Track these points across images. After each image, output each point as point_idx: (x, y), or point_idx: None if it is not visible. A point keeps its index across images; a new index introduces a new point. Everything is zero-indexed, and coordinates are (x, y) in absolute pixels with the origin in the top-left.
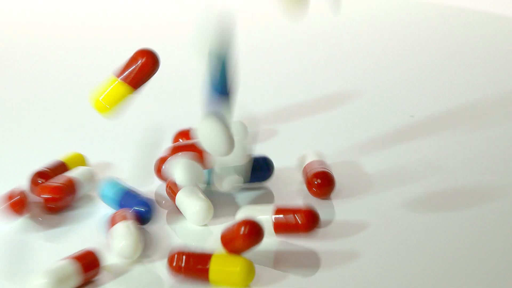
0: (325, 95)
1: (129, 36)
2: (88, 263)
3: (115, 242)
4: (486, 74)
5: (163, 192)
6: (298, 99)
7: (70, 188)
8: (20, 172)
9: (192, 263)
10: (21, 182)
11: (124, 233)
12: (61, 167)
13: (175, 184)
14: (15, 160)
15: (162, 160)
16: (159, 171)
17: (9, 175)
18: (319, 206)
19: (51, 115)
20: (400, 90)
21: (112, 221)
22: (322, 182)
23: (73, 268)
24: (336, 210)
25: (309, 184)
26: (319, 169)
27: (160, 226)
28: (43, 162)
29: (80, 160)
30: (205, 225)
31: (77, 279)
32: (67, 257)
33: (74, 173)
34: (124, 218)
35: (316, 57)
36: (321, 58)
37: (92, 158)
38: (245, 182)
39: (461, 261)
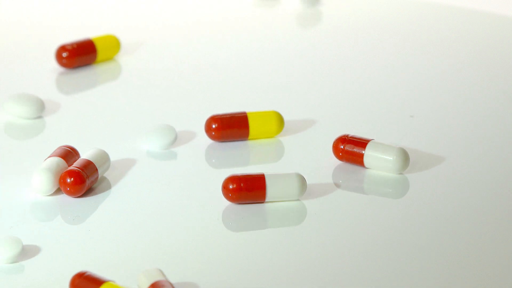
0: (324, 95)
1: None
2: None
3: None
4: (486, 74)
5: None
6: (296, 99)
7: None
8: None
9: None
10: None
11: None
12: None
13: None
14: None
15: (213, 119)
16: (209, 129)
17: None
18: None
19: None
20: (400, 90)
21: None
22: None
23: None
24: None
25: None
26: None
27: None
28: None
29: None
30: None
31: None
32: None
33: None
34: None
35: (316, 57)
36: (321, 58)
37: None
38: None
39: None
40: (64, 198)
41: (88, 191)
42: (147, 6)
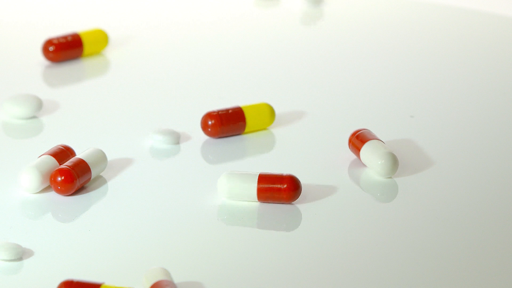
0: (325, 94)
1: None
2: None
3: None
4: (486, 74)
5: None
6: (296, 99)
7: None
8: None
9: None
10: None
11: None
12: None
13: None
14: None
15: (209, 115)
16: (205, 126)
17: None
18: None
19: None
20: (400, 90)
21: None
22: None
23: None
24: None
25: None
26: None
27: None
28: None
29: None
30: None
31: None
32: None
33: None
34: None
35: (316, 57)
36: (321, 58)
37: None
38: None
39: None
40: (63, 197)
41: (84, 190)
42: (144, 3)
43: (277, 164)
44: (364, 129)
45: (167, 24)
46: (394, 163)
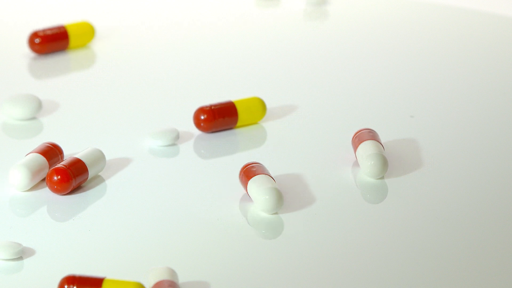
0: (325, 94)
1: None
2: None
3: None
4: (486, 74)
5: None
6: (295, 99)
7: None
8: None
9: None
10: None
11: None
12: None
13: (248, 171)
14: None
15: (202, 110)
16: (198, 121)
17: None
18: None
19: None
20: (400, 90)
21: None
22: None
23: None
24: None
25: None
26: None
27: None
28: None
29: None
30: (276, 213)
31: None
32: None
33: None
34: None
35: (316, 57)
36: (321, 57)
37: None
38: None
39: None
40: (59, 196)
41: (81, 189)
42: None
43: (269, 158)
44: (365, 129)
45: (164, 22)
46: (383, 164)
